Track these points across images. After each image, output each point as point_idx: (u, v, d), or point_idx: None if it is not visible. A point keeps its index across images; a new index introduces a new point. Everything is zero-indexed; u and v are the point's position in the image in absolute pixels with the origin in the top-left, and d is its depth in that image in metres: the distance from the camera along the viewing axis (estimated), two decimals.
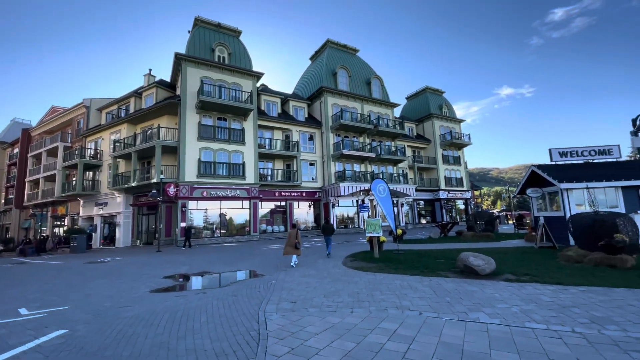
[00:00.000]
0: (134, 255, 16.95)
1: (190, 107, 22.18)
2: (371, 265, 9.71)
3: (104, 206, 25.25)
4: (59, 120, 30.73)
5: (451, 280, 7.26)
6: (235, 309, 5.76)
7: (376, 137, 32.38)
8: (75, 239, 20.46)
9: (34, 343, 4.21)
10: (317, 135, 29.27)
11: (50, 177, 28.90)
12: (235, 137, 23.62)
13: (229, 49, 24.80)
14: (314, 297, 6.33)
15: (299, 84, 35.87)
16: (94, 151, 26.78)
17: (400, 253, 12.06)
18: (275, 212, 26.40)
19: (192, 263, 12.57)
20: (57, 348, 4.08)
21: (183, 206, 20.71)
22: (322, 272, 9.16)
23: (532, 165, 15.08)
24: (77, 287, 8.51)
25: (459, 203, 40.13)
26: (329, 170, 28.07)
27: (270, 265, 10.90)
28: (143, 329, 4.73)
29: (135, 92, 26.12)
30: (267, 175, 25.88)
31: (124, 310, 5.91)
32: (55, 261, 15.97)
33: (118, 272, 10.90)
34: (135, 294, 7.48)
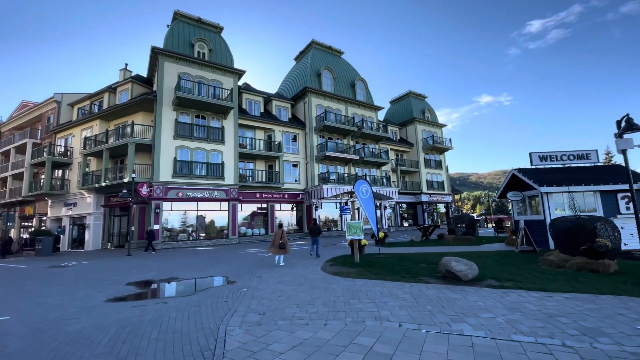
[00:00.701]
0: (101, 258, 15.84)
1: (166, 104, 21.19)
2: (351, 271, 9.24)
3: (73, 207, 23.74)
4: (29, 116, 28.84)
5: (433, 287, 6.89)
6: (195, 322, 5.14)
7: (360, 140, 32.19)
8: (41, 241, 19.00)
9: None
10: (300, 136, 28.75)
11: (18, 175, 27.01)
12: (214, 136, 22.76)
13: (210, 45, 23.97)
14: (285, 308, 5.78)
15: (283, 84, 35.30)
16: (63, 148, 25.22)
17: (381, 257, 11.67)
18: (256, 214, 25.63)
19: (162, 268, 11.74)
20: None
21: (157, 207, 19.66)
22: (299, 278, 8.61)
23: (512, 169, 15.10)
24: (29, 294, 7.63)
25: (440, 206, 40.50)
26: (313, 172, 27.58)
27: (245, 271, 10.26)
28: (80, 348, 4.05)
29: (110, 87, 24.83)
30: (247, 176, 25.09)
31: (68, 323, 5.17)
32: (17, 264, 14.70)
33: (78, 278, 9.98)
34: (89, 303, 6.70)
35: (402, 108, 41.88)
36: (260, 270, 10.11)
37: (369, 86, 34.32)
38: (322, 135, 29.23)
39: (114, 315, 5.62)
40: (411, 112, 39.90)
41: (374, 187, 29.20)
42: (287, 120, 28.43)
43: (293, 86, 32.09)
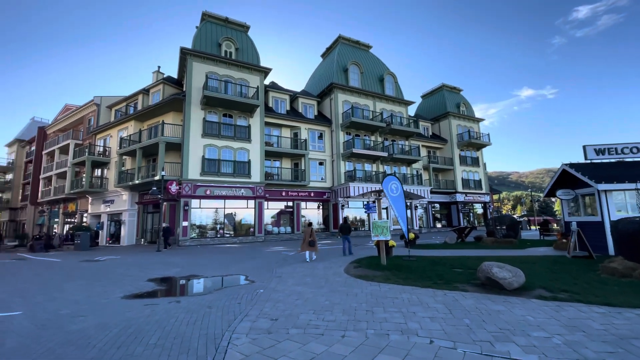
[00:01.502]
0: (132, 254, 16.33)
1: (195, 103, 21.57)
2: (376, 274, 8.49)
3: (111, 204, 25.01)
4: (72, 118, 30.97)
5: (471, 296, 5.99)
6: (201, 326, 4.72)
7: (389, 136, 30.96)
8: (79, 236, 20.12)
9: None
10: (326, 134, 28.17)
11: (62, 174, 29.07)
12: (241, 134, 22.84)
13: (236, 44, 24.11)
14: (301, 313, 5.22)
15: (309, 82, 34.93)
16: (102, 148, 26.69)
17: (411, 259, 10.77)
18: (282, 213, 25.46)
19: (186, 265, 11.71)
20: None
21: (185, 205, 20.04)
22: (320, 280, 8.02)
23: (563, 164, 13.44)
24: (50, 288, 7.73)
25: (477, 207, 38.03)
26: (339, 170, 26.90)
27: (265, 270, 9.87)
28: (74, 351, 3.75)
29: (144, 89, 25.84)
30: (273, 175, 24.97)
31: (74, 321, 4.98)
32: (54, 258, 15.52)
33: (104, 273, 10.14)
34: (105, 299, 6.59)
35: (434, 102, 39.87)
36: (281, 270, 9.67)
37: (398, 80, 32.95)
38: (348, 132, 28.44)
39: (123, 314, 5.38)
40: (445, 106, 37.83)
41: (404, 186, 27.89)
42: (313, 118, 27.99)
43: (319, 83, 31.58)
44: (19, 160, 38.11)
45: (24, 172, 37.45)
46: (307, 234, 11.40)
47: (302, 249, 11.45)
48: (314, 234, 11.47)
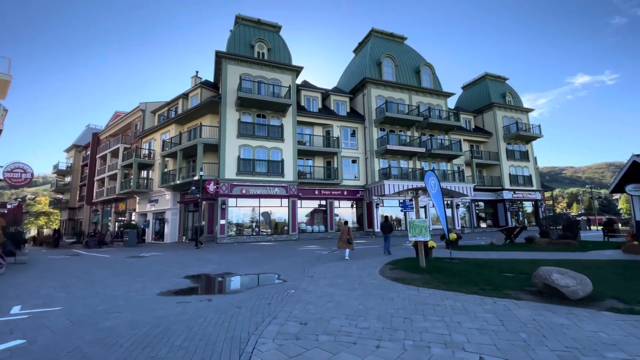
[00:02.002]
0: (173, 251, 17.10)
1: (230, 105, 22.13)
2: (415, 277, 7.87)
3: (156, 203, 26.58)
4: (121, 124, 33.48)
5: (526, 305, 5.22)
6: (228, 328, 4.54)
7: (426, 131, 29.48)
8: (127, 234, 21.59)
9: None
10: (359, 131, 27.51)
11: (113, 176, 31.55)
12: (274, 134, 23.04)
13: (269, 45, 24.36)
14: (332, 318, 4.86)
15: (341, 79, 34.43)
16: (147, 151, 28.46)
17: (453, 262, 9.93)
18: (316, 211, 25.30)
19: (222, 262, 11.92)
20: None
21: (223, 203, 20.63)
22: (353, 281, 7.60)
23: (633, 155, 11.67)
24: (95, 284, 8.15)
25: (527, 205, 34.97)
26: (373, 168, 26.12)
27: (298, 269, 9.66)
28: (100, 351, 3.72)
29: (183, 94, 27.10)
30: (306, 173, 24.89)
31: (108, 317, 5.08)
32: (105, 254, 16.72)
33: (145, 269, 10.59)
34: (142, 295, 6.75)
35: (477, 93, 37.34)
36: (313, 269, 9.39)
37: (436, 71, 31.26)
38: (382, 128, 27.52)
39: (155, 312, 5.40)
40: (488, 96, 35.25)
41: (444, 183, 26.41)
42: (345, 115, 27.48)
43: (352, 79, 30.96)
44: (76, 164, 42.10)
45: (80, 175, 41.28)
46: (344, 232, 11.70)
47: (339, 247, 11.76)
48: (351, 232, 11.72)
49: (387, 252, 12.79)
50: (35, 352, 3.64)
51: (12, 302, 5.98)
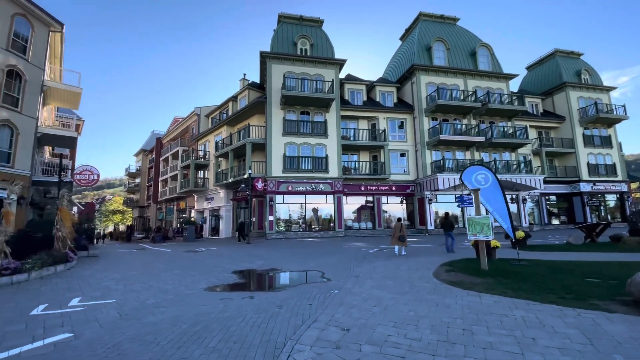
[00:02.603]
0: (226, 246, 17.85)
1: (275, 104, 22.45)
2: (475, 281, 6.91)
3: (211, 201, 28.23)
4: (179, 128, 36.25)
5: (620, 319, 4.13)
6: (265, 330, 4.27)
7: (485, 118, 26.80)
8: (186, 230, 23.21)
9: (18, 350, 3.62)
10: (408, 121, 26.00)
11: (174, 176, 34.32)
12: (318, 130, 22.83)
13: (311, 40, 24.18)
14: (378, 325, 4.32)
15: (387, 69, 32.98)
16: (203, 152, 30.36)
17: (521, 264, 8.63)
18: (363, 208, 24.58)
19: (269, 258, 12.01)
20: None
21: (270, 200, 21.05)
22: (403, 283, 6.92)
23: None
24: (151, 277, 8.61)
25: (610, 198, 30.00)
26: (424, 160, 24.51)
27: (343, 267, 9.21)
28: (138, 348, 3.69)
29: (232, 96, 28.28)
30: (351, 169, 24.28)
31: (154, 312, 5.17)
32: (166, 248, 18.09)
33: (198, 264, 11.05)
34: (190, 289, 6.91)
35: (545, 73, 32.98)
36: (359, 269, 8.86)
37: (495, 52, 28.24)
38: (434, 118, 25.65)
39: (198, 308, 5.39)
40: (559, 76, 30.87)
41: (507, 175, 23.79)
42: (392, 106, 26.20)
43: (398, 68, 29.42)
44: (144, 166, 46.82)
45: (147, 176, 45.79)
46: (397, 229, 11.64)
47: (392, 243, 11.73)
48: (404, 229, 11.64)
49: (450, 251, 12.00)
50: (77, 347, 3.73)
51: (74, 294, 6.49)
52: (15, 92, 14.11)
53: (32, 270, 7.74)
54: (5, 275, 7.03)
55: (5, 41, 13.49)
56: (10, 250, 7.55)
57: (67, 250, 9.92)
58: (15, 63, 13.98)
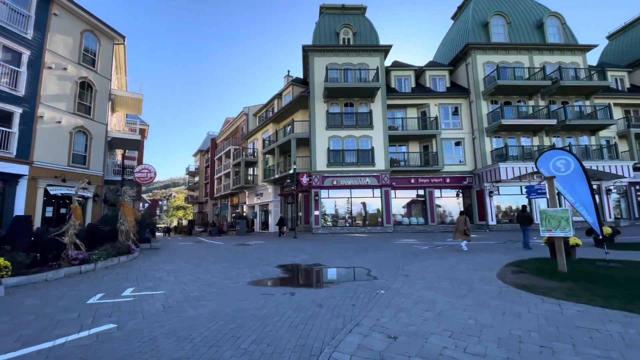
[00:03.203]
0: (273, 240, 18.14)
1: (318, 98, 22.18)
2: (552, 285, 5.82)
3: (260, 196, 29.15)
4: (230, 128, 38.07)
5: None
6: (302, 332, 3.93)
7: (557, 97, 23.44)
8: (238, 224, 24.23)
9: (64, 340, 3.74)
10: (463, 107, 23.82)
11: (227, 174, 36.21)
12: (363, 122, 22.03)
13: (354, 29, 23.36)
14: (430, 334, 3.73)
15: (438, 52, 30.67)
16: (252, 150, 31.46)
17: (610, 266, 7.14)
18: (413, 202, 23.22)
19: (314, 252, 11.80)
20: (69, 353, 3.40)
21: (316, 195, 20.92)
22: (461, 285, 6.10)
23: None
24: (200, 269, 8.87)
25: None
26: (483, 149, 22.26)
27: (391, 265, 8.56)
28: (172, 344, 3.59)
29: (277, 94, 28.72)
30: (399, 161, 23.03)
31: (195, 305, 5.16)
32: (219, 241, 18.98)
33: (246, 257, 11.23)
34: (233, 283, 6.91)
35: (632, 40, 27.77)
36: (409, 267, 8.14)
37: (567, 21, 24.49)
38: (494, 101, 23.12)
39: (237, 303, 5.26)
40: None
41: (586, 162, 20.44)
42: (444, 91, 24.23)
43: (450, 50, 27.13)
44: (201, 165, 50.33)
45: (204, 175, 49.09)
46: (459, 222, 11.41)
47: (455, 238, 11.52)
48: (468, 222, 11.29)
49: (527, 247, 11.05)
50: (116, 339, 3.75)
51: (130, 284, 6.86)
52: (88, 101, 15.82)
53: (98, 261, 8.48)
54: (74, 264, 7.77)
55: (77, 56, 15.16)
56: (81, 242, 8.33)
57: (130, 243, 10.77)
58: (86, 75, 15.66)
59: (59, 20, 14.29)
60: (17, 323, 4.31)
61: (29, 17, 12.90)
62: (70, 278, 7.32)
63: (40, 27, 13.43)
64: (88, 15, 15.55)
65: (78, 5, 14.95)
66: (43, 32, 13.51)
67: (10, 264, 6.38)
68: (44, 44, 13.54)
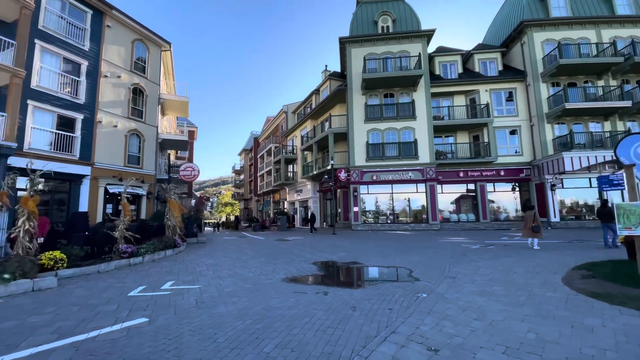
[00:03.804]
0: (312, 236, 18.06)
1: (356, 90, 21.57)
2: (632, 293, 4.83)
3: (300, 193, 29.39)
4: (271, 127, 38.93)
5: None
6: (330, 338, 3.61)
7: (631, 76, 20.12)
8: (279, 220, 24.65)
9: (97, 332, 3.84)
10: (519, 91, 21.50)
11: (268, 171, 37.13)
12: (404, 113, 20.94)
13: (393, 16, 22.28)
14: (479, 349, 3.20)
15: (488, 34, 28.13)
16: (291, 147, 31.80)
17: None
18: (463, 197, 21.61)
19: (352, 250, 11.42)
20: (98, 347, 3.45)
21: (355, 191, 20.41)
22: (518, 291, 5.34)
23: None
24: (238, 263, 8.99)
25: None
26: (543, 137, 19.93)
27: (435, 266, 7.88)
28: (195, 343, 3.49)
29: (315, 90, 28.58)
30: (446, 153, 21.51)
31: (226, 302, 5.11)
32: (261, 237, 19.39)
33: (283, 252, 11.22)
34: (267, 279, 6.83)
35: None
36: (456, 268, 7.41)
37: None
38: (555, 83, 20.54)
39: (268, 301, 5.11)
40: None
41: None
42: (496, 75, 22.09)
43: (502, 30, 24.67)
44: (245, 164, 52.38)
45: (249, 173, 50.99)
46: (528, 218, 10.54)
47: (523, 235, 10.71)
48: (538, 218, 10.34)
49: (611, 246, 9.82)
50: (144, 335, 3.76)
51: (171, 277, 7.10)
52: (140, 106, 17.06)
53: (145, 254, 9.00)
54: (124, 257, 8.31)
55: (129, 64, 16.39)
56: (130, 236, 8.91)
57: (176, 237, 11.34)
58: (138, 81, 16.88)
59: (112, 31, 15.55)
60: (60, 314, 4.57)
61: (85, 30, 14.20)
62: (120, 270, 7.84)
63: (96, 38, 14.73)
64: (138, 25, 16.73)
65: (129, 17, 16.14)
66: (98, 43, 14.80)
67: (65, 257, 6.96)
68: (100, 54, 14.84)
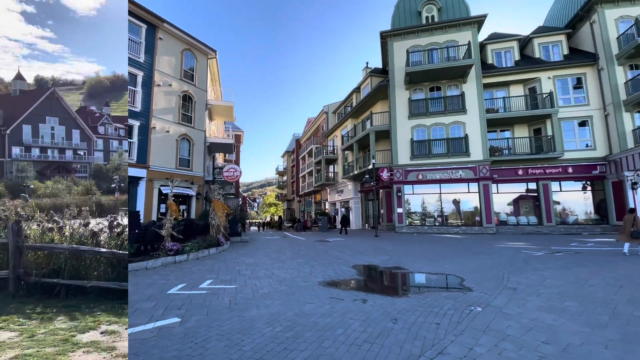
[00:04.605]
0: (354, 237, 17.54)
1: (399, 85, 20.57)
2: None
3: (341, 193, 28.97)
4: (312, 128, 39.08)
5: None
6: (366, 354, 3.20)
7: None
8: (320, 220, 24.49)
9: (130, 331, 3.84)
10: (589, 77, 18.77)
11: (310, 172, 37.28)
12: (453, 106, 19.44)
13: (438, 4, 20.92)
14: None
15: (549, 16, 25.12)
16: (332, 148, 31.55)
17: None
18: (522, 197, 19.46)
19: (395, 253, 10.74)
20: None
21: (398, 191, 19.43)
22: (597, 308, 4.41)
23: None
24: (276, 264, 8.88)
25: None
26: (621, 128, 17.13)
27: (491, 275, 6.97)
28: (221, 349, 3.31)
29: (355, 88, 27.97)
30: (502, 149, 19.50)
31: (259, 305, 4.92)
32: (302, 237, 19.35)
33: (322, 254, 10.94)
34: (304, 282, 6.58)
35: None
36: (517, 278, 6.47)
37: None
38: (634, 65, 17.54)
39: (301, 306, 4.83)
40: None
41: None
42: (561, 60, 19.53)
43: (566, 8, 21.82)
44: (288, 165, 53.39)
45: (291, 174, 51.85)
46: (627, 222, 9.63)
47: (619, 239, 9.91)
48: (639, 222, 9.27)
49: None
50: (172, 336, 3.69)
51: (210, 275, 7.18)
52: (189, 112, 18.05)
53: (190, 252, 9.32)
54: (170, 255, 8.68)
55: (179, 72, 17.42)
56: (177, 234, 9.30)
57: (219, 236, 11.67)
58: (187, 89, 17.88)
59: (163, 43, 16.65)
60: None
61: (140, 44, 15.38)
62: (166, 267, 8.17)
63: (149, 51, 15.88)
64: (186, 36, 17.74)
65: (178, 29, 17.18)
66: (152, 55, 15.94)
67: None
68: (154, 65, 15.97)
